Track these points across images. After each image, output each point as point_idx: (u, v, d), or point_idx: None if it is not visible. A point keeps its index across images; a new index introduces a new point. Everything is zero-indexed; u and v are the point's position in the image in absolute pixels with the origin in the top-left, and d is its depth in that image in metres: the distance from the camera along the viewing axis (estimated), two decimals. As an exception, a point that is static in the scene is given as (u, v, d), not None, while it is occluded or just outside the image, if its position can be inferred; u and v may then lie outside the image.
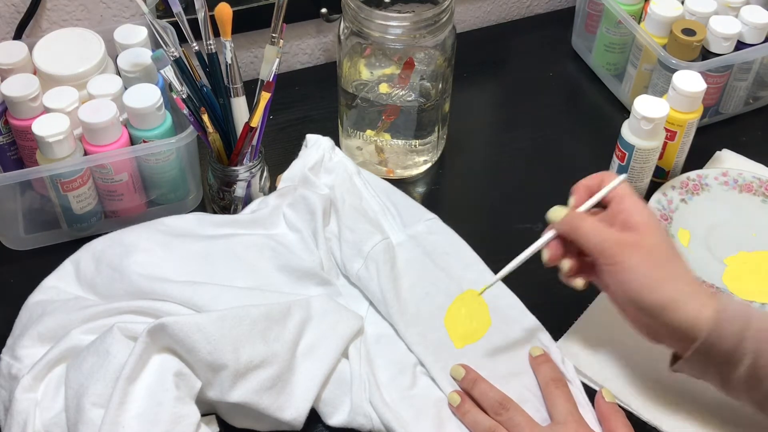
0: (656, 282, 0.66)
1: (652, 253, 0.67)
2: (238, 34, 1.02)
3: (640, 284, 0.66)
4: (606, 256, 0.68)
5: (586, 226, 0.69)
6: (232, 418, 0.72)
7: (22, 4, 0.92)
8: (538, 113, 1.05)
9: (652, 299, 0.66)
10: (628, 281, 0.67)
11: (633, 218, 0.69)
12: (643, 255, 0.67)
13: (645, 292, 0.66)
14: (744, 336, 0.64)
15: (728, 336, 0.64)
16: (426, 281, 0.82)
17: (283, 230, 0.84)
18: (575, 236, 0.70)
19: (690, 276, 0.68)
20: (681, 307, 0.65)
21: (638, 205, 0.70)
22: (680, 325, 0.65)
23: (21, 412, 0.67)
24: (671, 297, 0.66)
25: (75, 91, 0.83)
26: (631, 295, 0.67)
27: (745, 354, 0.64)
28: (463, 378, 0.74)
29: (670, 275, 0.67)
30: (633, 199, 0.71)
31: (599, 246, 0.68)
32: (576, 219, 0.70)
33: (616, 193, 0.72)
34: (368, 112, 0.91)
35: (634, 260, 0.67)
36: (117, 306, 0.73)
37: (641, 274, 0.67)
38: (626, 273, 0.67)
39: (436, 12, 0.83)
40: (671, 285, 0.66)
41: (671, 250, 0.68)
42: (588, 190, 0.73)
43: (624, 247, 0.67)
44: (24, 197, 0.85)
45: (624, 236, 0.68)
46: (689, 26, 0.93)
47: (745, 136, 1.01)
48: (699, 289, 0.66)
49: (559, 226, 0.71)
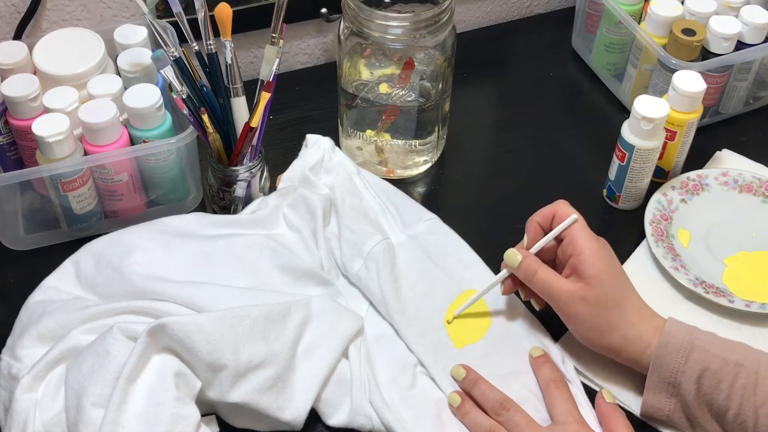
0: (602, 332, 0.72)
1: (598, 304, 0.72)
2: (238, 34, 1.02)
3: (589, 333, 0.73)
4: (557, 307, 0.74)
5: (539, 278, 0.74)
6: (232, 418, 0.72)
7: (22, 4, 0.92)
8: (538, 113, 1.05)
9: (600, 344, 0.73)
10: (578, 330, 0.74)
11: (583, 267, 0.73)
12: (589, 307, 0.72)
13: (593, 339, 0.73)
14: (684, 369, 0.69)
15: (671, 369, 0.70)
16: (426, 281, 0.82)
17: (283, 230, 0.84)
18: (530, 285, 0.75)
19: (637, 316, 0.72)
20: (627, 348, 0.72)
21: (590, 251, 0.73)
22: (630, 361, 0.73)
23: (21, 412, 0.67)
24: (616, 343, 0.72)
25: (75, 91, 0.83)
26: (583, 339, 0.74)
27: (689, 383, 0.69)
28: (463, 378, 0.74)
29: (616, 323, 0.72)
30: (584, 242, 0.74)
31: (551, 298, 0.74)
32: (530, 270, 0.75)
33: (568, 232, 0.75)
34: (368, 112, 0.91)
35: (581, 313, 0.72)
36: (117, 306, 0.73)
37: (587, 325, 0.73)
38: (576, 323, 0.73)
39: (436, 12, 0.83)
40: (617, 332, 0.72)
41: (620, 296, 0.73)
42: (540, 227, 0.77)
43: (573, 301, 0.72)
44: (24, 197, 0.85)
45: (573, 288, 0.73)
46: (689, 26, 0.93)
47: (745, 136, 1.01)
48: (644, 329, 0.72)
49: (515, 272, 0.76)
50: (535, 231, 0.77)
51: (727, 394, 0.68)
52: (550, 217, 0.76)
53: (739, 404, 0.67)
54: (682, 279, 0.82)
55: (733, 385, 0.68)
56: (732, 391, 0.67)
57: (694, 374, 0.69)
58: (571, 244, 0.74)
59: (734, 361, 0.68)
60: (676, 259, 0.84)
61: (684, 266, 0.84)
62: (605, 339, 0.72)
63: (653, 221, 0.87)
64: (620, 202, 0.91)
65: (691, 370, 0.69)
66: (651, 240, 0.85)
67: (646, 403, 0.72)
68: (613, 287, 0.73)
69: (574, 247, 0.74)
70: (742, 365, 0.68)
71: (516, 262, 0.75)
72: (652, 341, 0.71)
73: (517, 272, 0.75)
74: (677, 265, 0.84)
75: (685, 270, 0.84)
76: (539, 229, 0.77)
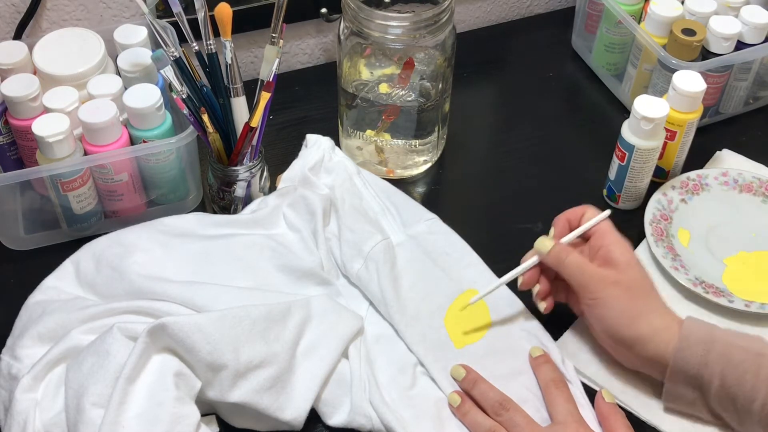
0: (631, 318, 0.71)
1: (630, 290, 0.72)
2: (238, 34, 1.02)
3: (618, 319, 0.72)
4: (588, 291, 0.73)
5: (571, 261, 0.74)
6: (232, 418, 0.72)
7: (22, 4, 0.92)
8: (538, 113, 1.05)
9: (628, 333, 0.71)
10: (607, 316, 0.72)
11: (613, 255, 0.73)
12: (621, 291, 0.72)
13: (622, 327, 0.72)
14: (707, 360, 0.68)
15: (692, 361, 0.69)
16: (426, 281, 0.82)
17: (283, 230, 0.84)
18: (560, 269, 0.75)
19: (663, 309, 0.73)
20: (653, 340, 0.71)
21: (619, 243, 0.75)
22: (652, 356, 0.71)
23: (21, 412, 0.67)
24: (645, 331, 0.71)
25: (75, 91, 0.83)
26: (609, 328, 0.73)
27: (712, 376, 0.68)
28: (463, 378, 0.74)
29: (645, 310, 0.72)
30: (613, 236, 0.75)
31: (582, 281, 0.73)
32: (562, 253, 0.75)
33: (597, 228, 0.76)
34: (368, 112, 0.91)
35: (612, 296, 0.72)
36: (117, 306, 0.73)
37: (619, 309, 0.72)
38: (605, 308, 0.72)
39: (436, 12, 0.83)
40: (645, 320, 0.71)
41: (648, 286, 0.74)
42: (568, 223, 0.78)
43: (604, 284, 0.72)
44: (24, 197, 0.85)
45: (605, 273, 0.73)
46: (689, 26, 0.93)
47: (745, 136, 1.01)
48: (670, 321, 0.72)
49: (545, 258, 0.76)
50: (563, 226, 0.78)
51: (752, 384, 0.67)
52: (579, 215, 0.78)
53: (766, 394, 0.67)
54: (681, 279, 0.82)
55: (758, 375, 0.67)
56: (757, 382, 0.67)
57: (717, 367, 0.68)
58: (601, 237, 0.75)
59: (756, 351, 0.68)
60: (676, 259, 0.84)
61: (684, 266, 0.84)
62: (633, 326, 0.71)
63: (653, 221, 0.87)
64: (620, 202, 0.91)
65: (714, 363, 0.68)
66: (651, 240, 0.85)
67: (668, 392, 0.71)
68: (643, 275, 0.74)
69: (604, 239, 0.75)
70: (764, 355, 0.68)
71: (546, 248, 0.75)
72: (677, 334, 0.70)
73: (547, 258, 0.75)
74: (677, 264, 0.84)
75: (685, 270, 0.84)
76: (567, 224, 0.78)
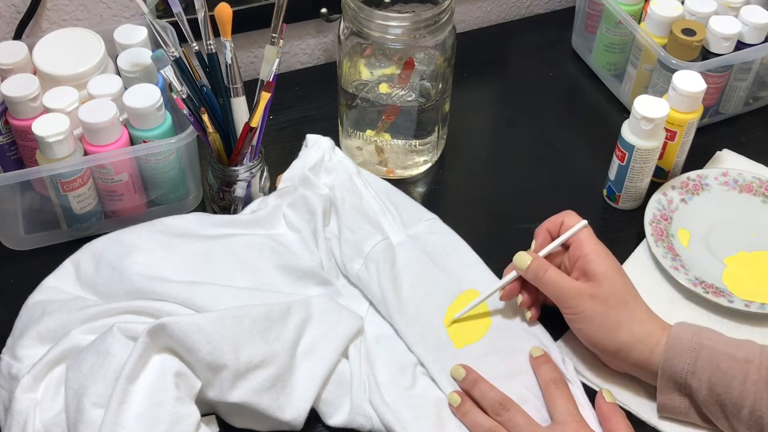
0: (611, 329, 0.72)
1: (606, 302, 0.73)
2: (238, 34, 1.02)
3: (597, 331, 0.73)
4: (566, 306, 0.74)
5: (548, 278, 0.75)
6: (232, 418, 0.72)
7: (22, 4, 0.92)
8: (538, 113, 1.05)
9: (608, 344, 0.72)
10: (587, 329, 0.73)
11: (590, 266, 0.74)
12: (597, 304, 0.73)
13: (602, 338, 0.73)
14: (694, 369, 0.69)
15: (680, 369, 0.70)
16: (426, 281, 0.82)
17: (283, 230, 0.84)
18: (538, 285, 0.76)
19: (644, 316, 0.73)
20: (635, 348, 0.72)
21: (595, 252, 0.75)
22: (637, 363, 0.72)
23: (21, 412, 0.67)
24: (626, 341, 0.72)
25: (75, 91, 0.83)
26: (590, 340, 0.74)
27: (700, 384, 0.69)
28: (463, 378, 0.74)
29: (625, 320, 0.72)
30: (590, 246, 0.76)
31: (560, 297, 0.74)
32: (539, 270, 0.75)
33: (575, 238, 0.77)
34: (368, 112, 0.91)
35: (590, 310, 0.73)
36: (117, 306, 0.73)
37: (597, 322, 0.73)
38: (584, 322, 0.73)
39: (436, 12, 0.83)
40: (626, 329, 0.72)
41: (627, 295, 0.74)
42: (548, 233, 0.79)
43: (582, 298, 0.73)
44: (24, 197, 0.85)
45: (581, 287, 0.74)
46: (689, 26, 0.93)
47: (745, 136, 1.01)
48: (653, 328, 0.72)
49: (524, 273, 0.76)
50: (544, 237, 0.79)
51: (739, 392, 0.68)
52: (558, 224, 0.78)
53: (753, 401, 0.67)
54: (681, 279, 0.82)
55: (744, 382, 0.68)
56: (744, 389, 0.68)
57: (704, 375, 0.69)
58: (579, 248, 0.76)
59: (743, 358, 0.69)
60: (676, 259, 0.84)
61: (684, 266, 0.84)
62: (613, 337, 0.72)
63: (653, 221, 0.87)
64: (620, 202, 0.91)
65: (701, 371, 0.69)
66: (651, 240, 0.85)
67: (661, 404, 0.72)
68: (620, 286, 0.74)
69: (582, 249, 0.75)
70: (750, 361, 0.68)
71: (525, 264, 0.76)
72: (661, 340, 0.71)
73: (526, 273, 0.76)
74: (677, 264, 0.84)
75: (685, 270, 0.84)
76: (548, 235, 0.79)
